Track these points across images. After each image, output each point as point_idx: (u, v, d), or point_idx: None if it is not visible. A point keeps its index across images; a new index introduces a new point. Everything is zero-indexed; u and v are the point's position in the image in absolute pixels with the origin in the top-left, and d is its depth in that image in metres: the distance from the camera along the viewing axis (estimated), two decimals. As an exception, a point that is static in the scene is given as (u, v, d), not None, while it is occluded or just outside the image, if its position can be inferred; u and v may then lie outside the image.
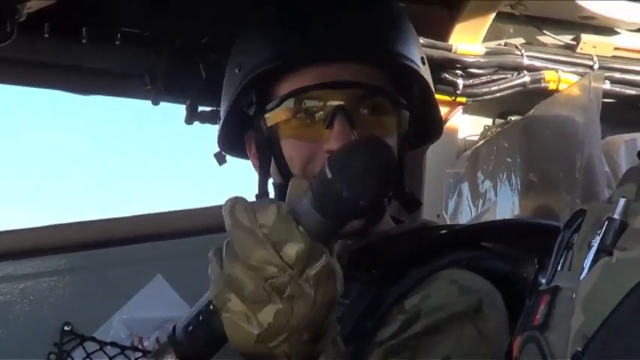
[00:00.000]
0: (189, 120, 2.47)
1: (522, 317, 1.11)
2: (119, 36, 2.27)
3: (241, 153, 2.02)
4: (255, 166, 1.93)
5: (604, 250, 0.95)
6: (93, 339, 2.50)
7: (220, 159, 2.30)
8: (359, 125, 1.75)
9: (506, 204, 2.61)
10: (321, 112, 1.77)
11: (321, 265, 1.23)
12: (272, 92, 1.82)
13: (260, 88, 1.83)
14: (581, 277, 0.96)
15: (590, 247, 0.98)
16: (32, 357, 2.41)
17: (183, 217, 2.74)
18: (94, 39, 2.24)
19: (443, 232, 1.96)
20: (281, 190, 1.86)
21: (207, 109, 2.45)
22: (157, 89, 2.37)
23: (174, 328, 1.31)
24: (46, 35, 2.17)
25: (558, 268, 1.06)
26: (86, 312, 2.45)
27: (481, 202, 2.68)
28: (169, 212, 2.79)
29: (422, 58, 1.90)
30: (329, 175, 1.24)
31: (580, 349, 0.89)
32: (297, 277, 1.21)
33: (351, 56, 1.80)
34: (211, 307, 1.27)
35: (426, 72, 1.90)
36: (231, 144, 2.02)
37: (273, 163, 1.86)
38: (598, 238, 0.97)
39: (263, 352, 1.23)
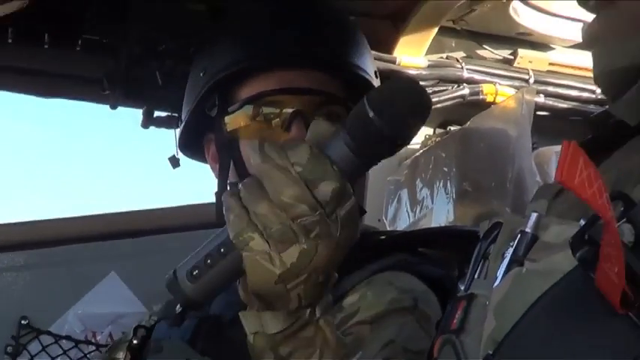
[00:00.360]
0: (145, 124, 2.52)
1: (442, 321, 1.11)
2: (80, 42, 2.30)
3: (200, 155, 2.08)
4: (212, 168, 2.00)
5: (516, 261, 0.97)
6: (49, 333, 2.52)
7: (174, 163, 2.35)
8: None
9: (441, 211, 2.67)
10: (278, 119, 1.84)
11: (351, 204, 1.25)
12: (233, 96, 1.89)
13: (222, 92, 1.90)
14: (495, 285, 0.99)
15: (503, 257, 1.00)
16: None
17: (137, 217, 2.77)
18: (56, 44, 2.27)
19: (382, 237, 2.00)
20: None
21: (163, 114, 2.49)
22: (115, 95, 2.41)
23: (174, 272, 1.31)
24: (9, 41, 2.19)
25: (475, 276, 1.08)
26: (42, 307, 2.47)
27: (419, 208, 2.73)
28: (124, 212, 2.80)
29: (375, 72, 1.97)
30: (370, 114, 1.25)
31: (491, 352, 0.91)
32: (328, 217, 1.22)
33: (308, 64, 1.88)
34: (222, 250, 1.26)
35: (377, 84, 1.97)
36: (190, 146, 2.08)
37: (232, 164, 1.92)
38: (511, 250, 0.99)
39: (279, 293, 1.24)
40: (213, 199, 2.00)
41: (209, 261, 1.25)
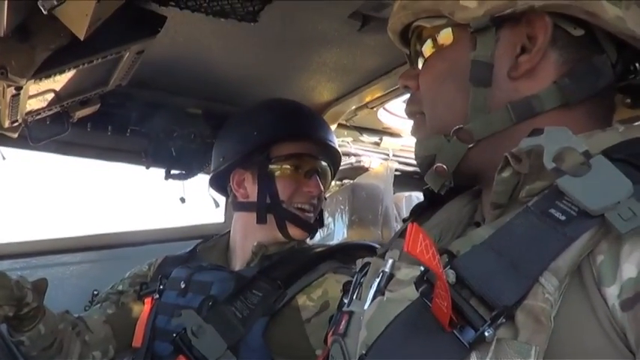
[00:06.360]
0: (166, 178, 2.67)
1: (331, 323, 1.12)
2: (128, 131, 2.49)
3: (219, 184, 2.12)
4: (233, 189, 2.03)
5: (379, 291, 1.00)
6: (108, 300, 2.34)
7: (182, 200, 2.61)
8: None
9: (339, 232, 2.80)
10: (302, 169, 1.96)
11: None
12: (275, 151, 1.95)
13: (266, 148, 1.93)
14: (366, 307, 1.00)
15: (371, 287, 1.02)
16: (78, 310, 2.44)
17: (152, 234, 2.96)
18: (115, 131, 2.47)
19: (318, 250, 2.06)
20: (269, 205, 1.96)
21: (177, 172, 2.65)
22: (149, 161, 2.62)
23: None
24: (88, 129, 2.37)
25: (354, 297, 1.09)
26: (105, 284, 2.50)
27: (326, 230, 2.86)
28: (146, 230, 2.97)
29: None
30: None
31: (364, 352, 0.93)
32: None
33: (319, 140, 1.98)
34: None
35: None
36: (217, 177, 2.12)
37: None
38: (376, 282, 1.02)
39: None
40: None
41: None
